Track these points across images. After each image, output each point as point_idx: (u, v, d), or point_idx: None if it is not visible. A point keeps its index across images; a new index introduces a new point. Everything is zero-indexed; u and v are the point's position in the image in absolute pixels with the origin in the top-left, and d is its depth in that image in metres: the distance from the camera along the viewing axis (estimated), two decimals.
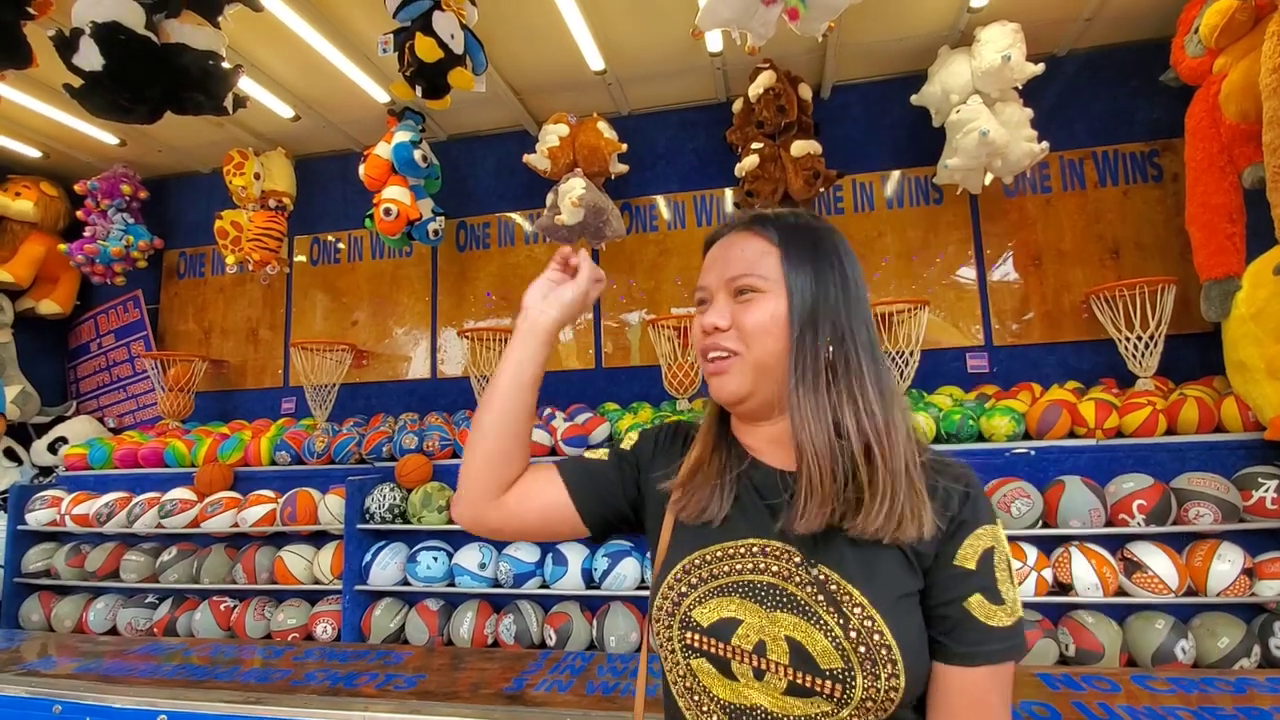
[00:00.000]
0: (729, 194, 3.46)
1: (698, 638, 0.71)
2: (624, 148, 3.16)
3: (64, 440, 3.71)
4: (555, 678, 1.80)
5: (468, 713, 1.59)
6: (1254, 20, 2.23)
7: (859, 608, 0.65)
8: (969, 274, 3.17)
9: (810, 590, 0.67)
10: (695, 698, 0.72)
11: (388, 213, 3.11)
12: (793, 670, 0.66)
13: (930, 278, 3.20)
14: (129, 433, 3.62)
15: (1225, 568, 2.08)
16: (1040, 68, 2.65)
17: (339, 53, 2.86)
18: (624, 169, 3.22)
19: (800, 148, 2.81)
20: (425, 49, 2.21)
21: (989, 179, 2.91)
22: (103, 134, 3.54)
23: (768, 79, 2.80)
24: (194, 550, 2.97)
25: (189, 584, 2.89)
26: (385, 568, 2.65)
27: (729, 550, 0.72)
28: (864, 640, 0.64)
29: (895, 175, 3.30)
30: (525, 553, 2.56)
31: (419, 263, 3.81)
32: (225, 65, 2.31)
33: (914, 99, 2.97)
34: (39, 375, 3.94)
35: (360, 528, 2.71)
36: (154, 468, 3.23)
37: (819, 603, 0.66)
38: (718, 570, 0.72)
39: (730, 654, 0.69)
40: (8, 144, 3.60)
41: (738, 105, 3.01)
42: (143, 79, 2.13)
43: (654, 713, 0.82)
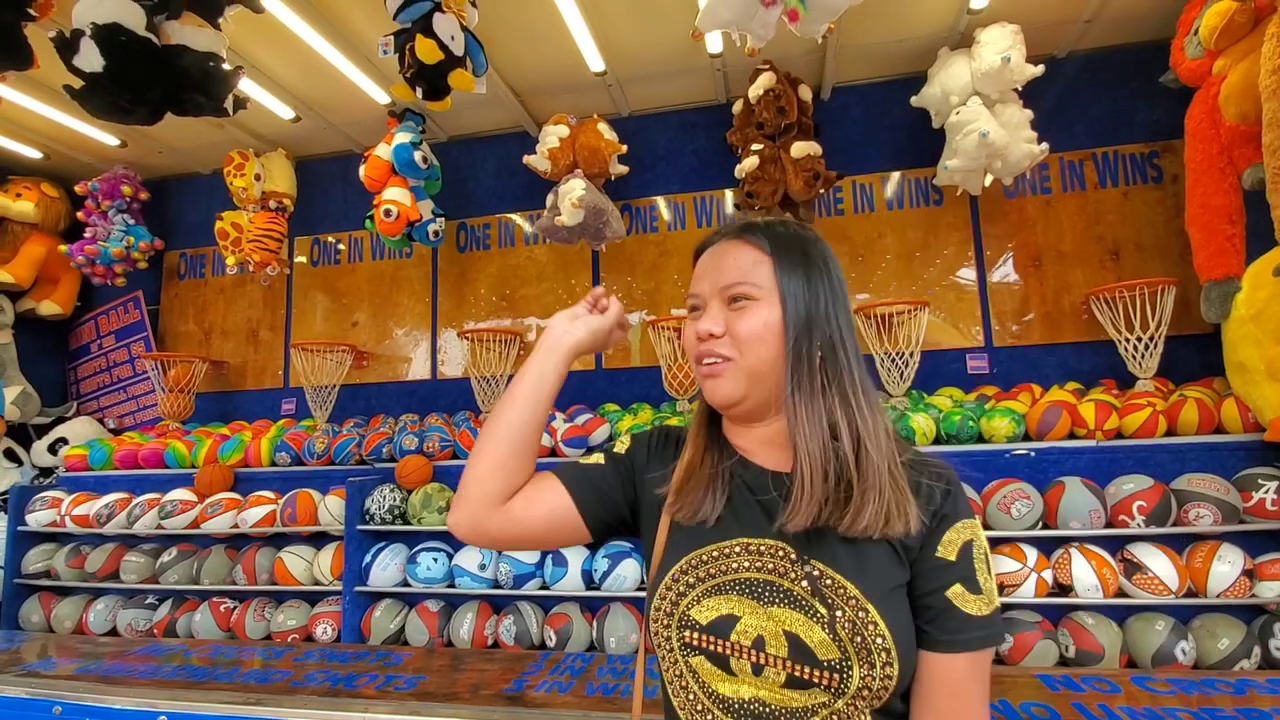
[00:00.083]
0: (729, 195, 3.46)
1: (697, 636, 0.72)
2: (624, 149, 3.16)
3: (64, 441, 3.71)
4: (555, 679, 1.80)
5: (467, 714, 1.59)
6: (1253, 22, 2.23)
7: (853, 600, 0.67)
8: (969, 275, 3.17)
9: (805, 585, 0.69)
10: (692, 696, 0.73)
11: (388, 214, 3.12)
12: (791, 663, 0.67)
13: (930, 279, 3.20)
14: (129, 434, 3.62)
15: (1225, 569, 2.08)
16: (1040, 69, 2.65)
17: (339, 54, 2.87)
18: (624, 170, 3.22)
19: (800, 149, 2.81)
20: (426, 51, 2.21)
21: (989, 180, 2.91)
22: (103, 135, 3.55)
23: (768, 80, 2.80)
24: (194, 551, 2.97)
25: (189, 585, 2.89)
26: (385, 569, 2.66)
27: (724, 549, 0.74)
28: (859, 631, 0.66)
29: (895, 176, 3.30)
30: (525, 554, 2.55)
31: (419, 264, 3.81)
32: (226, 67, 2.32)
33: (914, 100, 2.97)
34: (39, 376, 3.94)
35: (360, 529, 2.72)
36: (154, 469, 3.23)
37: (814, 597, 0.68)
38: (714, 569, 0.73)
39: (729, 650, 0.70)
40: (9, 145, 3.61)
41: (738, 106, 3.01)
42: (143, 80, 2.14)
43: (653, 713, 0.83)
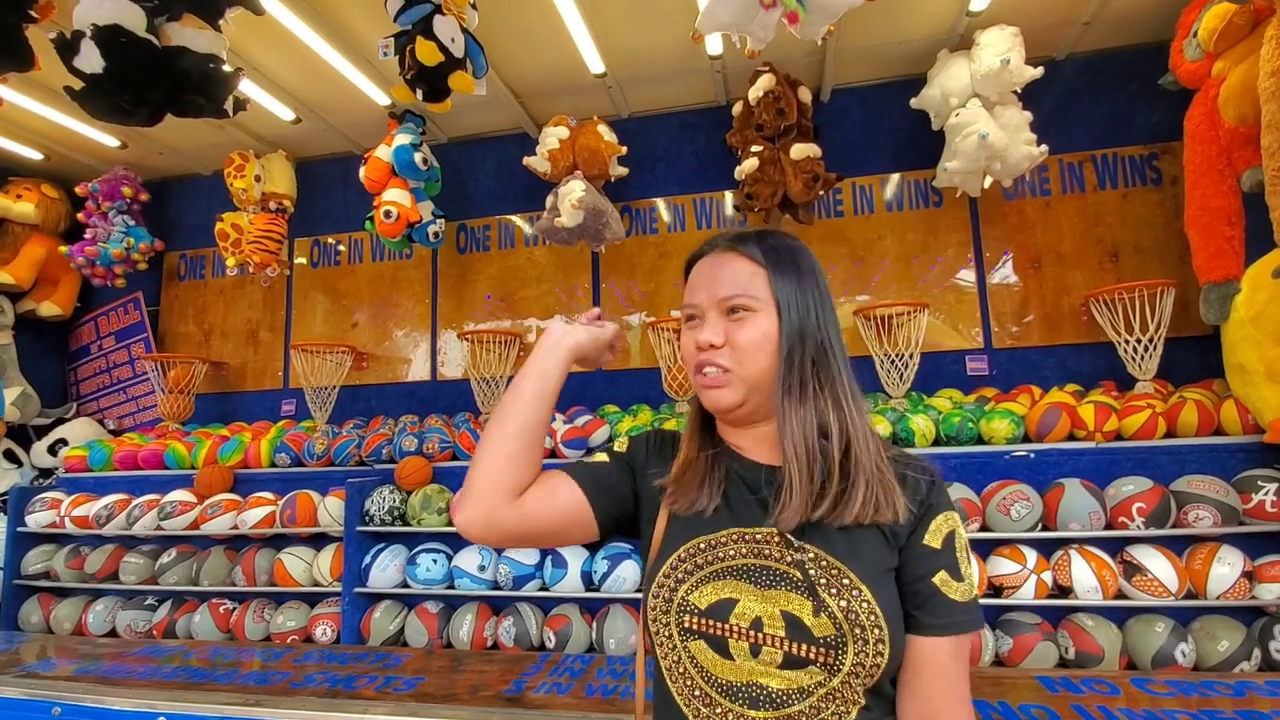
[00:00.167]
0: (729, 197, 3.47)
1: (696, 620, 0.74)
2: (624, 150, 3.17)
3: (64, 442, 3.71)
4: (555, 680, 1.80)
5: (467, 715, 1.59)
6: (1252, 24, 2.23)
7: (847, 580, 0.71)
8: (968, 277, 3.17)
9: (801, 569, 0.72)
10: (690, 682, 0.75)
11: (388, 215, 3.12)
12: (788, 642, 0.70)
13: (930, 280, 3.20)
14: (129, 434, 3.62)
15: (1225, 571, 2.08)
16: (1039, 71, 2.65)
17: (340, 56, 2.87)
18: (624, 172, 3.22)
19: (800, 151, 2.82)
20: (426, 52, 2.21)
21: (988, 182, 2.91)
22: (104, 136, 3.55)
23: (767, 82, 2.81)
24: (193, 552, 2.97)
25: (188, 586, 2.89)
26: (385, 570, 2.65)
27: (721, 539, 0.77)
28: (854, 609, 0.69)
29: (895, 178, 3.30)
30: (525, 555, 2.55)
31: (419, 265, 3.81)
32: (226, 68, 2.32)
33: (913, 102, 2.97)
34: (39, 377, 3.94)
35: (360, 530, 2.71)
36: (154, 470, 3.23)
37: (810, 578, 0.72)
38: (711, 557, 0.76)
39: (728, 632, 0.72)
40: (9, 146, 3.61)
41: (737, 108, 3.01)
42: (143, 82, 2.14)
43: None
